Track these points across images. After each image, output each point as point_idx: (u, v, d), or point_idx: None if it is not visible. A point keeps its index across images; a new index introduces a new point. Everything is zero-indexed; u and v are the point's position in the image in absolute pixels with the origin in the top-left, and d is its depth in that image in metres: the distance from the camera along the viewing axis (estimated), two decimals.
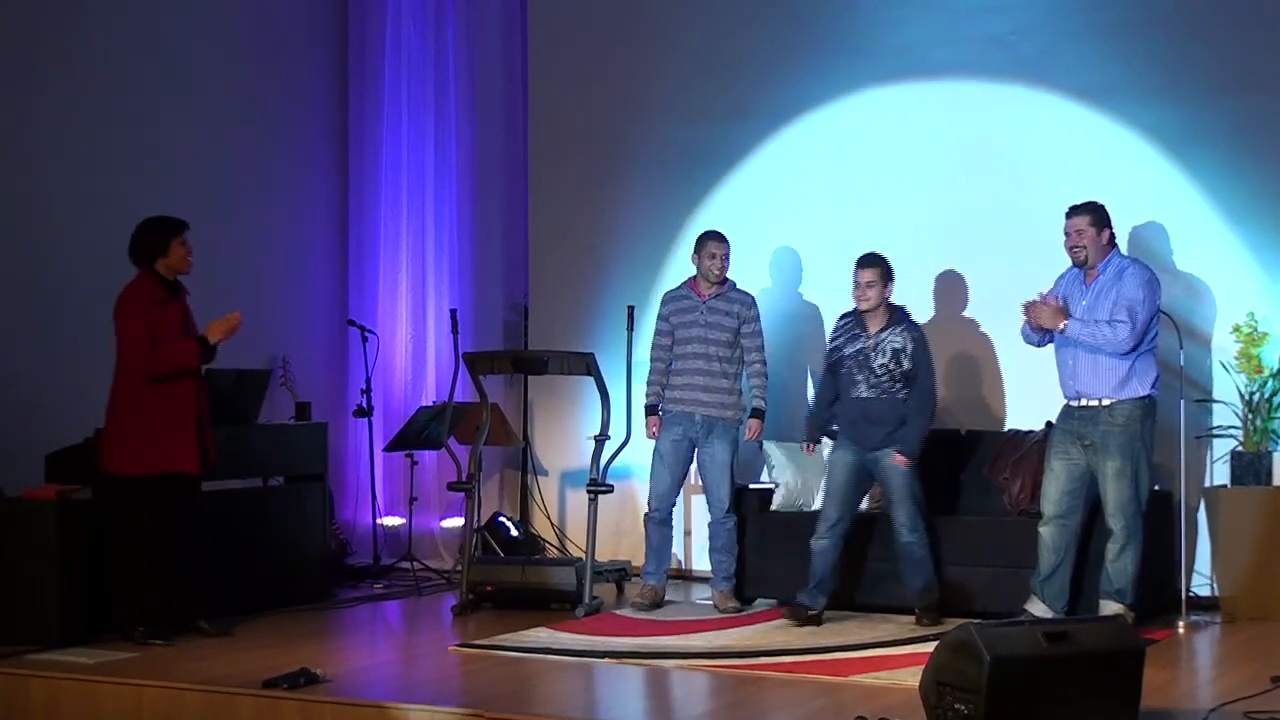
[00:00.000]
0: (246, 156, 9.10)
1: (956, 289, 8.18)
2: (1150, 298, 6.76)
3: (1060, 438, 6.93)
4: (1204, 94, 7.74)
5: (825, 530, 7.25)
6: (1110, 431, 6.74)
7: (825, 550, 7.24)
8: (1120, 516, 6.74)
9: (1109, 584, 6.82)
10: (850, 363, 7.26)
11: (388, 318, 9.61)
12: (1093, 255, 6.82)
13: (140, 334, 6.75)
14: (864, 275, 7.22)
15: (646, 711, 5.91)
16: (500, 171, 9.69)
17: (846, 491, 7.27)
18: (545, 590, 7.78)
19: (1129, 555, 6.77)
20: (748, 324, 7.73)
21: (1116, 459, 6.72)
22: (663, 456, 7.71)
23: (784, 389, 8.55)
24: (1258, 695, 5.52)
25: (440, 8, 9.64)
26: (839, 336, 7.37)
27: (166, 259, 6.89)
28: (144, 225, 6.94)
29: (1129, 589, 6.79)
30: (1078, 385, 6.83)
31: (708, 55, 8.90)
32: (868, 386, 7.21)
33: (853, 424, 7.27)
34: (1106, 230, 6.84)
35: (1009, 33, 8.15)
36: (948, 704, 4.87)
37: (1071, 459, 6.85)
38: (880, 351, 7.19)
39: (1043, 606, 6.87)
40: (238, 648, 6.74)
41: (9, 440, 7.37)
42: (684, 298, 7.78)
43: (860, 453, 7.24)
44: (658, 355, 7.80)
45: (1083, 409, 6.82)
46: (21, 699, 6.11)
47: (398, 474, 9.35)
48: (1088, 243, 6.81)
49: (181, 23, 8.74)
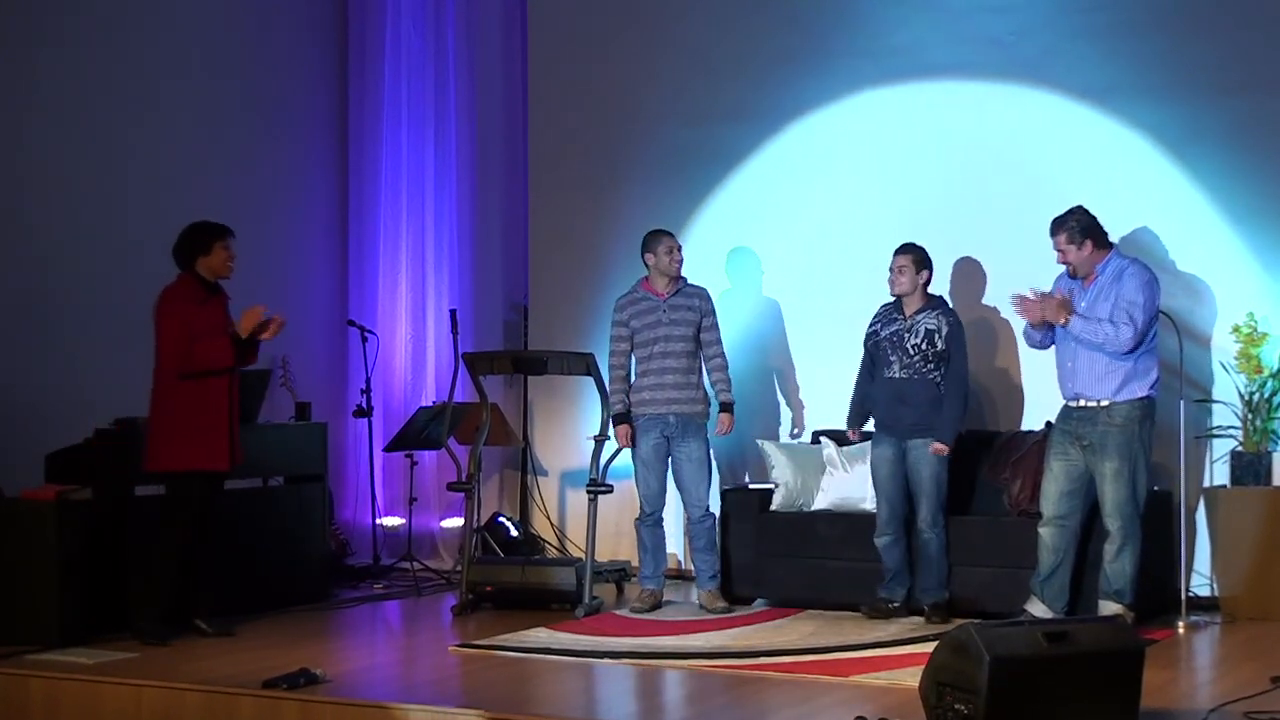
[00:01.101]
0: (246, 156, 9.10)
1: (957, 289, 8.17)
2: (1150, 299, 6.76)
3: (1059, 438, 6.93)
4: (1204, 94, 7.74)
5: (884, 527, 7.40)
6: (1109, 432, 6.75)
7: (889, 545, 7.38)
8: (1118, 517, 6.75)
9: (1108, 584, 6.82)
10: (885, 344, 7.42)
11: (388, 318, 9.61)
12: (1081, 268, 6.85)
13: (177, 332, 6.81)
14: (897, 261, 7.41)
15: (646, 712, 5.91)
16: (500, 171, 9.69)
17: (893, 486, 7.37)
18: (545, 590, 7.78)
19: (1127, 555, 6.77)
20: (707, 317, 7.74)
21: (1114, 459, 6.73)
22: (646, 462, 7.69)
23: (783, 389, 8.59)
24: (1258, 695, 5.53)
25: (440, 8, 9.64)
26: (877, 322, 7.52)
27: (208, 258, 6.95)
28: (192, 226, 7.03)
29: (1128, 589, 6.80)
30: (1076, 386, 6.84)
31: (708, 56, 8.90)
32: (900, 366, 7.35)
33: (886, 405, 7.41)
34: (1088, 241, 6.82)
35: (1009, 33, 8.15)
36: (948, 704, 4.88)
37: (1070, 460, 6.86)
38: (914, 332, 7.34)
39: (1042, 607, 6.88)
40: (238, 648, 6.74)
41: (9, 440, 7.37)
42: (642, 299, 7.74)
43: (896, 444, 7.35)
44: (618, 362, 7.76)
45: (1081, 409, 6.82)
46: (21, 699, 6.11)
47: (397, 474, 9.35)
48: (1073, 259, 6.84)
49: (181, 22, 8.74)
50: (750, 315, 8.64)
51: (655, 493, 7.71)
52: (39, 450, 7.19)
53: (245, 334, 6.92)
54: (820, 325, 8.48)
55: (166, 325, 6.85)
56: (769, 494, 8.00)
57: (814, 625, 7.24)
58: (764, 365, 8.63)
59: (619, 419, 7.74)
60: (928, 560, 7.30)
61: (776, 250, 8.68)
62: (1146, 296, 6.74)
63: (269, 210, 9.23)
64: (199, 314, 6.88)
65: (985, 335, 8.09)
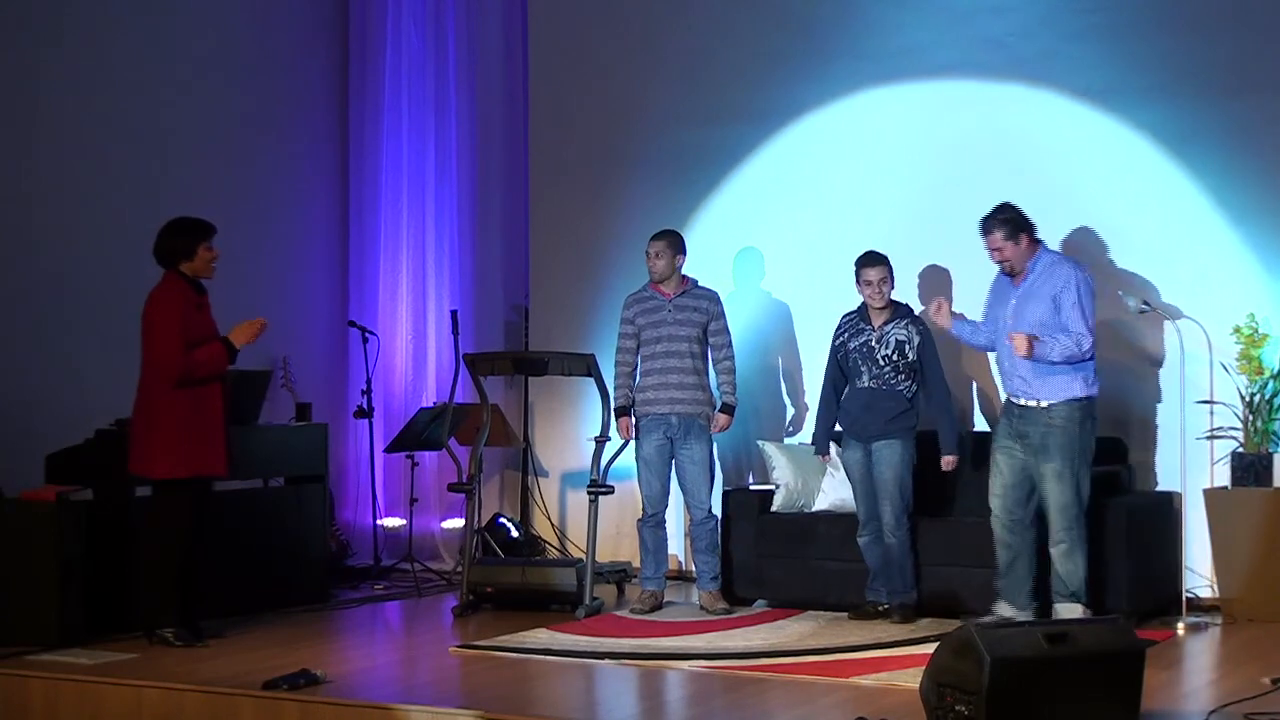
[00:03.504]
0: (246, 156, 9.10)
1: (957, 288, 8.16)
2: (1087, 295, 6.78)
3: (1004, 434, 6.93)
4: (1204, 94, 7.74)
5: (864, 528, 7.43)
6: (1050, 432, 6.74)
7: (869, 544, 7.43)
8: (1063, 518, 6.74)
9: (1063, 587, 6.80)
10: (855, 355, 7.44)
11: (388, 318, 9.61)
12: (1017, 264, 6.85)
13: (175, 339, 6.65)
14: (876, 273, 7.39)
15: (647, 712, 5.90)
16: (500, 171, 9.69)
17: (868, 488, 7.40)
18: (545, 591, 7.78)
19: (1078, 556, 6.76)
20: (715, 320, 7.75)
21: (1055, 460, 6.73)
22: (648, 462, 7.69)
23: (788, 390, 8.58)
24: (1258, 697, 5.52)
25: (440, 8, 9.64)
26: (843, 333, 7.54)
27: (191, 263, 6.84)
28: (170, 226, 6.86)
29: (1083, 589, 6.79)
30: (1016, 386, 6.84)
31: (708, 56, 8.90)
32: (870, 377, 7.39)
33: (855, 414, 7.43)
34: (1024, 235, 6.82)
35: (1009, 34, 8.14)
36: (948, 705, 4.88)
37: (1015, 455, 6.85)
38: (884, 343, 7.36)
39: (1010, 607, 6.85)
40: (238, 648, 6.74)
41: (9, 440, 7.37)
42: (649, 298, 7.77)
43: (863, 446, 7.39)
44: (623, 359, 7.80)
45: (1023, 408, 6.82)
46: (21, 699, 6.11)
47: (398, 475, 9.35)
48: (1010, 255, 6.83)
49: (181, 22, 8.75)
50: (754, 315, 8.62)
51: (657, 494, 7.71)
52: (39, 450, 7.19)
53: (240, 344, 6.82)
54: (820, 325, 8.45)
55: (162, 332, 6.67)
56: (770, 495, 8.00)
57: (814, 626, 7.24)
58: (766, 365, 8.63)
59: (620, 412, 7.75)
60: (889, 563, 7.33)
61: (777, 251, 8.67)
62: (1083, 294, 6.75)
63: (269, 210, 9.23)
64: (194, 319, 6.78)
65: None
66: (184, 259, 6.82)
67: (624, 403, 7.77)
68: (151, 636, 6.75)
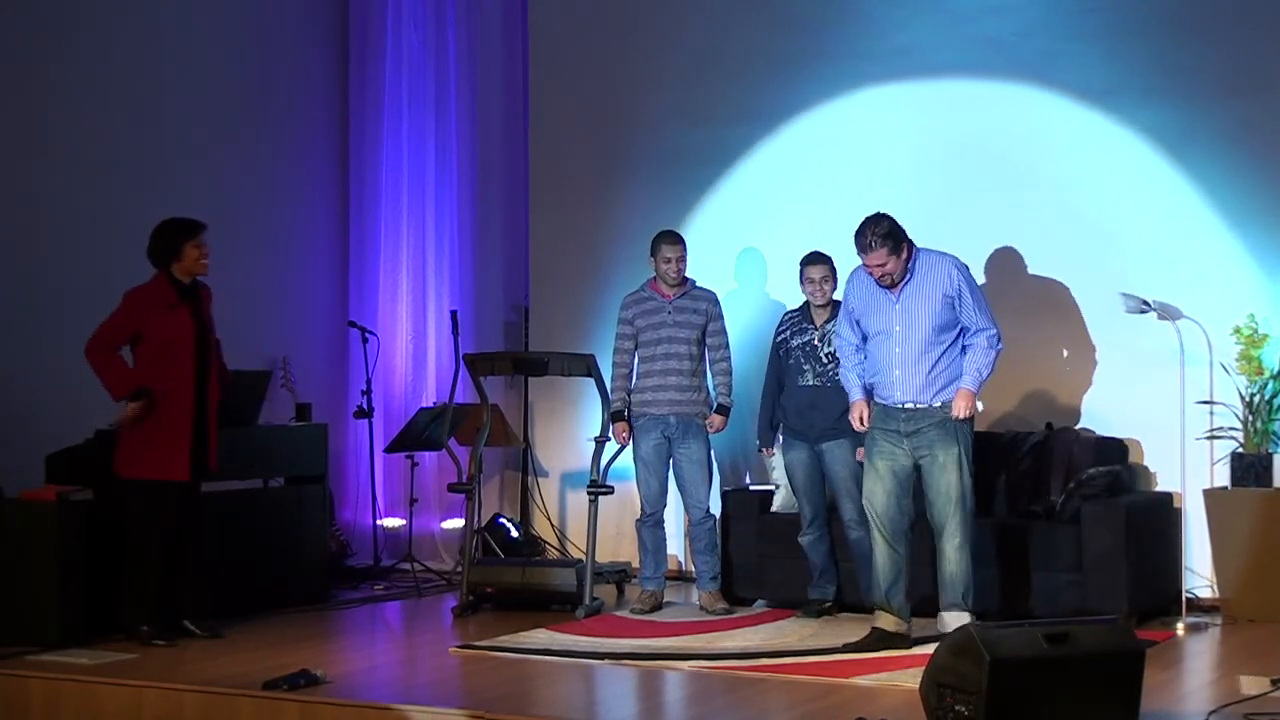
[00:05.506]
0: (246, 156, 9.09)
1: None
2: (975, 285, 6.68)
3: (880, 438, 6.65)
4: (1204, 94, 7.74)
5: (807, 527, 7.51)
6: (945, 423, 6.55)
7: (814, 543, 7.51)
8: (959, 508, 6.50)
9: (953, 591, 6.54)
10: (797, 354, 7.53)
11: (388, 318, 9.60)
12: (899, 274, 6.58)
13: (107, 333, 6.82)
14: (819, 271, 7.50)
15: (646, 713, 5.91)
16: (500, 171, 9.69)
17: (811, 485, 7.49)
18: (545, 591, 7.78)
19: (969, 551, 6.55)
20: (714, 321, 7.77)
21: (943, 450, 6.54)
22: (647, 463, 7.70)
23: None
24: (1258, 697, 5.53)
25: (440, 8, 9.64)
26: (785, 330, 7.63)
27: (180, 262, 6.87)
28: (159, 228, 6.93)
29: (972, 590, 6.56)
30: (899, 392, 6.62)
31: (708, 56, 8.90)
32: (814, 375, 7.46)
33: (799, 413, 7.49)
34: (903, 245, 6.58)
35: (1009, 34, 8.14)
36: (948, 705, 4.88)
37: (896, 459, 6.62)
38: (827, 341, 7.41)
39: (892, 619, 6.61)
40: (238, 649, 6.74)
41: (9, 440, 7.37)
42: (648, 299, 7.77)
43: (809, 447, 7.45)
44: (621, 360, 7.80)
45: (907, 410, 6.60)
46: (21, 699, 6.11)
47: (398, 475, 9.34)
48: (893, 269, 6.56)
49: (181, 22, 8.74)
50: (754, 315, 8.62)
51: (656, 493, 7.71)
52: (39, 450, 7.20)
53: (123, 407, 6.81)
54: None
55: (112, 318, 6.83)
56: (769, 495, 8.01)
57: (814, 626, 7.24)
58: (766, 366, 8.61)
59: (616, 416, 7.75)
60: (861, 558, 7.22)
61: (777, 251, 8.66)
62: (974, 284, 6.67)
63: (269, 210, 9.23)
64: (161, 320, 6.81)
65: None
66: (173, 259, 6.87)
67: (620, 407, 7.76)
68: (129, 633, 6.77)
